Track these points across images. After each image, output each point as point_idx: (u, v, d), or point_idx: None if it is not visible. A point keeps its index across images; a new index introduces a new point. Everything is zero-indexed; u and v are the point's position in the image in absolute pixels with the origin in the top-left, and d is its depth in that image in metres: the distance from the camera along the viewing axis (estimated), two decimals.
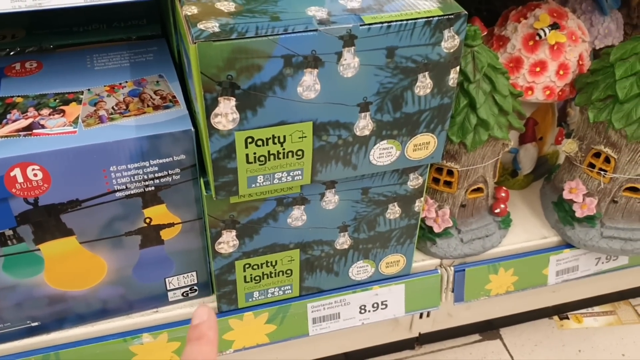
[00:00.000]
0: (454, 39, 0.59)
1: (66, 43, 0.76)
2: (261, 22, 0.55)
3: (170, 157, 0.64)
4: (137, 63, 0.73)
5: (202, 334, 0.37)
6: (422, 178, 0.73)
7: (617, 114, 0.77)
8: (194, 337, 0.37)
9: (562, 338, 1.05)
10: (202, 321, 0.38)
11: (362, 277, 0.81)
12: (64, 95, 0.67)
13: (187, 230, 0.71)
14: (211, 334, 0.37)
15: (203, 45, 0.53)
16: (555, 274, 0.91)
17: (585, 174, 0.84)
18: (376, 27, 0.56)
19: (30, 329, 0.72)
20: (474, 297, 0.88)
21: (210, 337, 0.37)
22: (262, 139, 0.60)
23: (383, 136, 0.65)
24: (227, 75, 0.55)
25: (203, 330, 0.37)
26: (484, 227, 0.85)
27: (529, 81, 0.83)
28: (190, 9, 0.57)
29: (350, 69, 0.58)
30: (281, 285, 0.77)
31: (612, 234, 0.86)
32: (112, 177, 0.63)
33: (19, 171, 0.60)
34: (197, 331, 0.37)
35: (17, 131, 0.62)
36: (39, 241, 0.65)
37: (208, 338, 0.37)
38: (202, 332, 0.37)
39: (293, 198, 0.69)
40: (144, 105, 0.66)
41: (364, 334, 0.93)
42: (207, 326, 0.37)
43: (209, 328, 0.37)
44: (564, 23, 0.82)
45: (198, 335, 0.37)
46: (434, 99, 0.63)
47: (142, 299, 0.75)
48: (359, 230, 0.75)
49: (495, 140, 0.76)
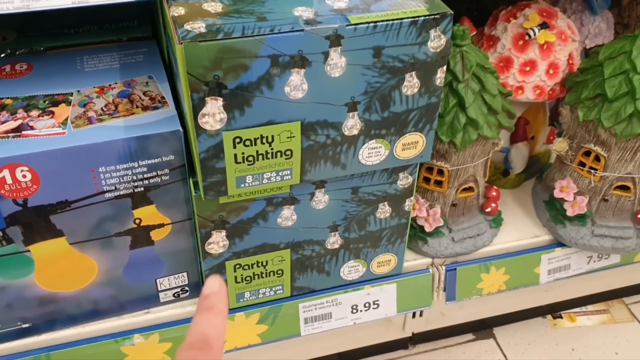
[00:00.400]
0: (440, 39, 0.60)
1: (57, 45, 0.76)
2: (248, 22, 0.56)
3: (159, 158, 0.64)
4: (127, 64, 0.73)
5: (212, 305, 0.35)
6: (412, 177, 0.73)
7: (606, 113, 0.77)
8: (204, 307, 0.35)
9: (555, 337, 1.05)
10: (213, 292, 0.36)
11: (354, 277, 0.81)
12: (53, 97, 0.67)
13: (177, 231, 0.71)
14: (221, 305, 0.35)
15: (189, 45, 0.53)
16: (547, 273, 0.91)
17: (575, 172, 0.85)
18: (362, 27, 0.57)
19: (21, 331, 0.72)
20: (465, 296, 0.89)
21: (220, 309, 0.35)
22: (250, 139, 0.60)
23: (371, 135, 0.65)
24: (214, 75, 0.55)
25: (213, 301, 0.35)
26: (475, 226, 0.86)
27: (519, 80, 0.83)
28: (178, 9, 0.57)
29: (338, 68, 0.58)
30: (272, 285, 0.77)
31: (603, 233, 0.86)
32: (101, 178, 0.63)
33: (8, 172, 0.60)
34: (207, 302, 0.35)
35: (6, 132, 0.62)
36: (28, 242, 0.66)
37: (218, 309, 0.35)
38: (212, 303, 0.35)
39: (283, 198, 0.69)
40: (133, 106, 0.66)
41: (357, 334, 0.94)
42: (217, 297, 0.35)
43: (219, 299, 0.35)
44: (553, 22, 0.83)
45: (208, 306, 0.35)
46: (422, 99, 0.63)
47: (133, 299, 0.75)
48: (349, 229, 0.75)
49: (484, 140, 0.76)
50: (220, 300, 0.35)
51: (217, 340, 0.34)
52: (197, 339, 0.33)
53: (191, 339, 0.33)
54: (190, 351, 0.33)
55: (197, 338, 0.33)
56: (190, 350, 0.33)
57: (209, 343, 0.33)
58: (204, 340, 0.33)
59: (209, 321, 0.35)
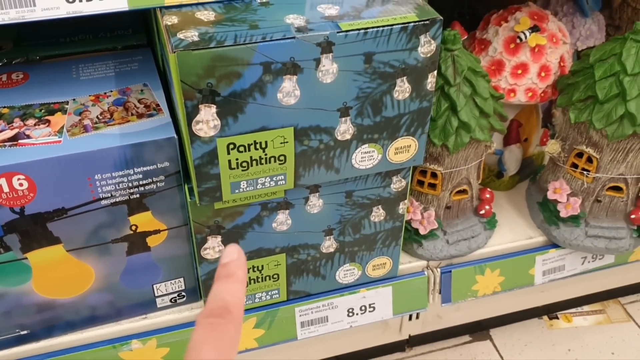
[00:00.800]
0: (430, 44, 0.61)
1: (53, 54, 0.77)
2: (240, 30, 0.56)
3: (154, 165, 0.65)
4: (122, 72, 0.74)
5: (232, 272, 0.35)
6: (405, 181, 0.74)
7: (597, 114, 0.78)
8: (223, 274, 0.35)
9: (551, 338, 1.06)
10: (232, 259, 0.36)
11: (349, 280, 0.82)
12: (49, 106, 0.68)
13: (173, 237, 0.71)
14: (240, 272, 0.35)
15: (182, 54, 0.54)
16: (542, 274, 0.92)
17: (568, 174, 0.85)
18: (353, 33, 0.57)
19: (19, 338, 0.73)
20: (461, 298, 0.89)
21: (239, 276, 0.35)
22: (244, 145, 0.61)
23: (364, 140, 0.66)
24: (207, 82, 0.56)
25: (232, 269, 0.35)
26: (469, 228, 0.86)
27: (510, 83, 0.84)
28: (171, 18, 0.58)
29: (329, 74, 0.59)
30: (268, 289, 0.78)
31: (597, 233, 0.87)
32: (97, 185, 0.64)
33: (5, 181, 0.61)
34: (226, 269, 0.35)
35: (3, 142, 0.63)
36: (26, 250, 0.66)
37: (237, 276, 0.35)
38: (232, 271, 0.35)
39: (277, 203, 0.70)
40: (128, 113, 0.67)
41: (354, 337, 0.94)
42: (236, 265, 0.36)
43: (238, 267, 0.36)
44: (544, 25, 0.84)
45: (227, 273, 0.35)
46: (413, 103, 0.64)
47: (131, 305, 0.76)
48: (344, 233, 0.76)
49: (477, 142, 0.77)
50: (239, 268, 0.35)
51: (236, 307, 0.34)
52: (216, 306, 0.33)
53: (211, 306, 0.33)
54: (210, 318, 0.33)
55: (216, 305, 0.33)
56: (210, 317, 0.33)
57: (229, 309, 0.33)
58: (223, 306, 0.33)
59: (228, 288, 0.34)
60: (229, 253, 0.36)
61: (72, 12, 0.58)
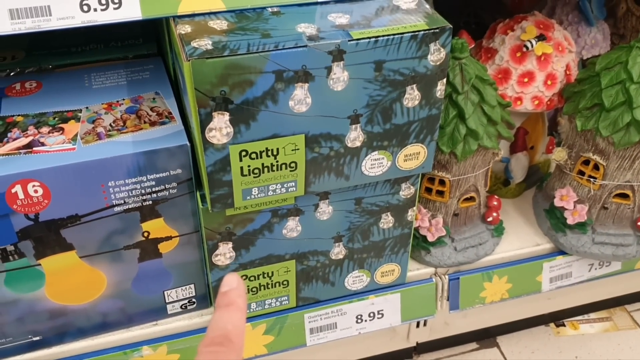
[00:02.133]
0: (440, 52, 0.61)
1: (65, 63, 0.78)
2: (253, 39, 0.57)
3: (167, 172, 0.66)
4: (134, 81, 0.74)
5: (232, 300, 0.36)
6: (414, 188, 0.74)
7: (604, 122, 0.79)
8: (223, 304, 0.36)
9: (558, 345, 1.06)
10: (231, 288, 0.37)
11: (358, 287, 0.82)
12: (62, 114, 0.69)
13: (185, 243, 0.72)
14: (240, 301, 0.36)
15: (197, 62, 0.55)
16: (549, 281, 0.92)
17: (575, 181, 0.86)
18: (364, 42, 0.58)
19: (31, 344, 0.73)
20: (469, 305, 0.90)
21: (239, 304, 0.36)
22: (255, 152, 0.62)
23: (374, 147, 0.66)
24: (221, 90, 0.57)
25: (232, 297, 0.36)
26: (477, 236, 0.87)
27: (517, 91, 0.85)
28: (184, 27, 0.59)
29: (340, 82, 0.60)
30: (278, 296, 0.78)
31: (604, 240, 0.87)
32: (111, 192, 0.65)
33: (20, 188, 0.61)
34: (226, 298, 0.36)
35: (18, 149, 0.63)
36: (39, 256, 0.67)
37: (238, 305, 0.36)
38: (232, 299, 0.36)
39: (287, 209, 0.70)
40: (140, 121, 0.68)
41: (362, 344, 0.95)
42: (236, 293, 0.36)
43: (238, 295, 0.36)
44: (550, 34, 0.84)
45: (227, 302, 0.36)
46: (423, 110, 0.65)
47: (142, 312, 0.76)
48: (353, 240, 0.76)
49: (485, 150, 0.78)
50: (239, 296, 0.36)
51: (237, 336, 0.34)
52: (218, 335, 0.34)
53: (212, 334, 0.34)
54: (212, 347, 0.33)
55: (218, 334, 0.34)
56: (212, 346, 0.33)
57: (230, 338, 0.34)
58: (224, 335, 0.34)
59: (229, 317, 0.35)
60: (229, 282, 0.37)
61: (87, 22, 0.59)
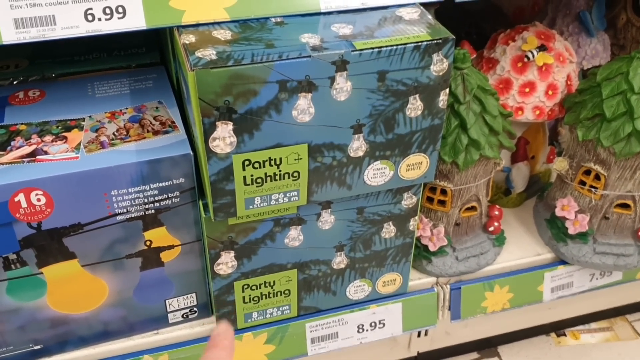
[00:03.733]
0: (442, 63, 0.62)
1: (68, 72, 0.78)
2: (257, 49, 0.58)
3: (169, 181, 0.66)
4: (137, 90, 0.75)
5: (218, 342, 0.42)
6: (416, 197, 0.74)
7: (605, 132, 0.79)
8: (212, 345, 0.42)
9: (559, 355, 1.06)
10: (219, 333, 0.43)
11: (360, 297, 0.82)
12: (66, 122, 0.69)
13: (187, 252, 0.72)
14: (227, 342, 0.43)
15: (201, 72, 0.55)
16: (551, 291, 0.92)
17: (576, 191, 0.86)
18: (367, 52, 0.59)
19: (33, 353, 0.73)
20: (470, 315, 0.90)
21: (225, 345, 0.42)
22: (259, 162, 0.62)
23: (376, 157, 0.66)
24: (225, 100, 0.57)
25: (220, 339, 0.43)
26: (478, 245, 0.87)
27: (518, 101, 0.85)
28: (189, 37, 0.59)
29: (343, 92, 0.60)
30: (279, 305, 0.78)
31: (605, 250, 0.87)
32: (114, 200, 0.65)
33: (23, 196, 0.61)
34: (214, 340, 0.43)
35: (21, 157, 0.64)
36: (41, 265, 0.67)
37: (223, 345, 0.42)
38: (219, 341, 0.43)
39: (290, 218, 0.70)
40: (144, 130, 0.68)
41: (363, 354, 0.94)
42: (224, 335, 0.43)
43: (225, 337, 0.43)
44: (551, 45, 0.85)
45: (215, 343, 0.42)
46: (425, 120, 0.65)
47: (143, 320, 0.76)
48: (355, 249, 0.76)
49: (486, 160, 0.78)
50: (226, 338, 0.42)
51: None
52: None
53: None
54: None
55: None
56: None
57: None
58: None
59: (217, 355, 0.41)
60: (218, 328, 0.44)
61: (91, 31, 0.59)
